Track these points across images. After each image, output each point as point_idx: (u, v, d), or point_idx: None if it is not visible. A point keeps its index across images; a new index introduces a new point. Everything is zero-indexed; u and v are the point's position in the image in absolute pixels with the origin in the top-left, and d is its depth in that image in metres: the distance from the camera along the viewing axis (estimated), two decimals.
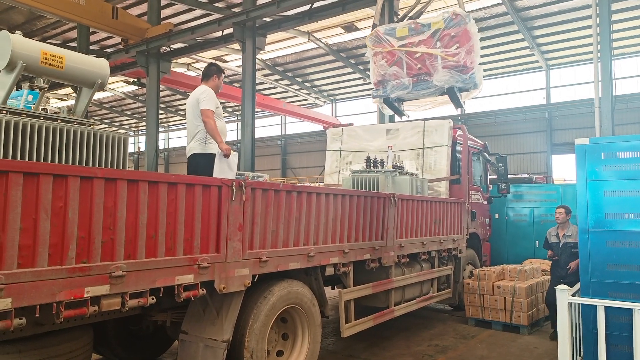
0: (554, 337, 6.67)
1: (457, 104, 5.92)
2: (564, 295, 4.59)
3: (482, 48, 19.68)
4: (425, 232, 6.81)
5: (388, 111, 6.91)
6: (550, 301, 6.82)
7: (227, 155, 4.86)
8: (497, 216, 10.79)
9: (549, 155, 22.33)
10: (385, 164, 7.15)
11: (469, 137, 8.90)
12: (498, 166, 9.70)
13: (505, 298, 7.44)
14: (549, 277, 8.49)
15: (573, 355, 4.70)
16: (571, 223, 6.93)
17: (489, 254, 9.86)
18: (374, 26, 6.29)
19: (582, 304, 4.71)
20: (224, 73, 5.55)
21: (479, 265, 9.02)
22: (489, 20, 18.66)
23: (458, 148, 8.62)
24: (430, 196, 7.55)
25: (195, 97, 5.08)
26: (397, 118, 10.34)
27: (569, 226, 6.89)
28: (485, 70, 23.09)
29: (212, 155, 4.93)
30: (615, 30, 15.08)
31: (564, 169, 21.44)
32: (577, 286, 5.08)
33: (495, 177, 10.34)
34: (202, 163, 5.02)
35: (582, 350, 4.86)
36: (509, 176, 10.96)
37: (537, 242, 10.71)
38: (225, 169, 4.85)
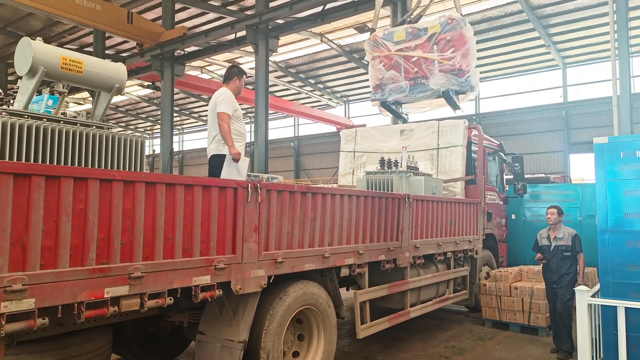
0: (555, 351, 6.31)
1: (454, 106, 6.00)
2: (584, 296, 4.53)
3: (497, 47, 19.46)
4: (441, 233, 6.76)
5: (387, 114, 6.93)
6: (552, 309, 6.49)
7: (236, 160, 4.87)
8: (513, 216, 10.66)
9: (566, 154, 22.02)
10: (399, 164, 7.13)
11: (484, 136, 8.83)
12: (514, 166, 9.59)
13: (522, 299, 7.36)
14: None
15: (593, 357, 4.63)
16: (563, 225, 6.59)
17: (505, 255, 9.75)
18: (372, 31, 6.35)
19: (601, 305, 4.65)
20: (246, 74, 5.56)
21: (495, 266, 8.94)
22: (504, 19, 18.48)
23: (473, 148, 8.55)
24: (445, 197, 7.51)
25: (214, 99, 5.13)
26: (411, 119, 10.30)
27: (561, 228, 6.51)
28: (500, 69, 23.09)
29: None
30: (633, 27, 14.85)
31: (582, 168, 21.12)
32: (597, 287, 5.01)
33: (511, 177, 10.23)
34: (219, 164, 5.05)
35: (602, 352, 4.79)
36: (526, 176, 10.82)
37: None
38: (233, 173, 4.84)
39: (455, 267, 7.39)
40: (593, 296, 4.74)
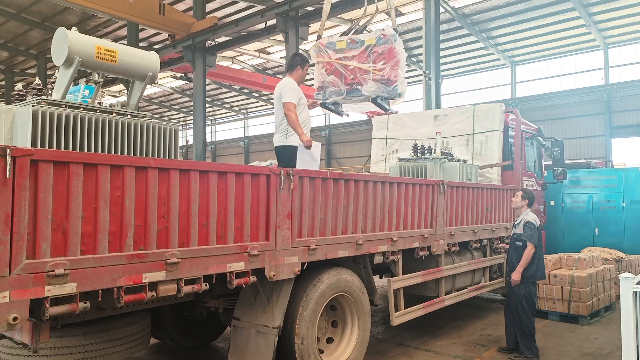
0: (502, 350, 5.72)
1: (384, 109, 6.45)
2: (629, 283, 4.33)
3: (534, 28, 18.86)
4: (476, 220, 6.62)
5: (326, 111, 7.30)
6: (507, 304, 5.85)
7: (308, 147, 4.91)
8: (552, 203, 10.35)
9: (607, 138, 21.12)
10: (433, 150, 6.99)
11: (522, 121, 8.55)
12: (553, 151, 9.26)
13: (562, 287, 7.14)
14: (610, 266, 8.08)
15: (638, 346, 4.45)
16: (530, 212, 5.78)
17: (544, 242, 9.46)
18: (318, 37, 6.76)
19: None
20: (309, 62, 5.60)
21: None
22: None
23: (510, 133, 8.29)
24: (481, 183, 7.32)
25: (279, 90, 5.19)
26: (444, 104, 10.05)
27: (522, 214, 5.78)
28: (538, 51, 22.33)
29: (293, 147, 5.02)
30: None
31: (625, 153, 20.24)
32: None
33: (550, 162, 9.90)
34: (283, 155, 5.13)
35: None
36: (565, 161, 10.46)
37: (596, 229, 10.19)
38: (308, 160, 4.90)
39: (491, 255, 7.24)
40: (639, 283, 4.53)
